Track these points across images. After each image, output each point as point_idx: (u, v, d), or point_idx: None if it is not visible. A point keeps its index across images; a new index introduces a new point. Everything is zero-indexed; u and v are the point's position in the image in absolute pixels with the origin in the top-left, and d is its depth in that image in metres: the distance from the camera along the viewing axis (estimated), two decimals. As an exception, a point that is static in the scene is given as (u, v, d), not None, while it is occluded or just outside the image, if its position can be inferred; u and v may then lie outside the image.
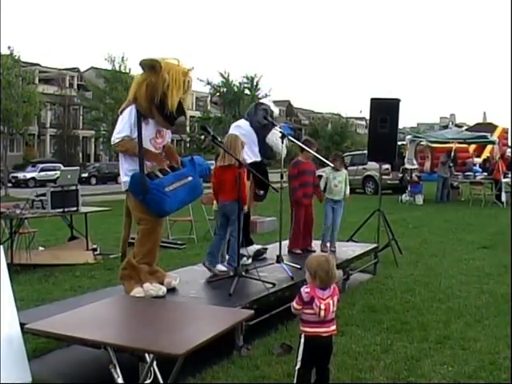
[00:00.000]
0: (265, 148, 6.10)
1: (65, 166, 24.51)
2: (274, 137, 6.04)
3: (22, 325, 3.58)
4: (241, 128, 6.06)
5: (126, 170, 4.75)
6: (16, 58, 25.93)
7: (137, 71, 4.89)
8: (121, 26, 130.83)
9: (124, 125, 4.72)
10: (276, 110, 6.33)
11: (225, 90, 36.88)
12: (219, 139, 5.56)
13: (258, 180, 5.87)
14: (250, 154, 5.95)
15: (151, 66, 4.64)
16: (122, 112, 4.81)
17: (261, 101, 6.58)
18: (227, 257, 5.71)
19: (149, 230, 4.76)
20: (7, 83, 24.75)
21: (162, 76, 4.59)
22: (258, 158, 6.08)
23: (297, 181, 6.73)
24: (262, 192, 6.13)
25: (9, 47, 25.69)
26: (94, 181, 36.31)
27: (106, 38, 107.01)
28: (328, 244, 7.11)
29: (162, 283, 4.88)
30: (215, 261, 5.60)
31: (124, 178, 4.77)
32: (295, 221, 6.79)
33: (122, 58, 28.59)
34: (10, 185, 28.79)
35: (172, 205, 4.73)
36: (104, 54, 40.20)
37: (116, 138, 4.73)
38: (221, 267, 5.63)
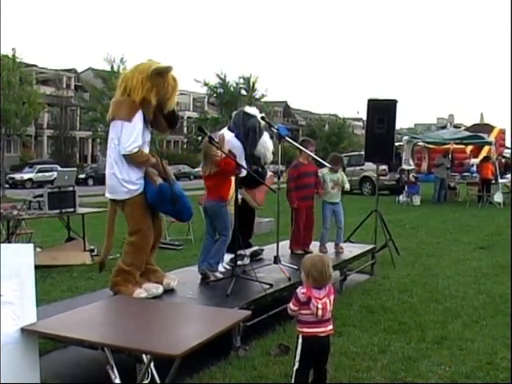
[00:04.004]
0: (253, 157, 5.97)
1: (62, 167, 24.45)
2: (262, 146, 5.97)
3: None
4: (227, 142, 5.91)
5: (135, 179, 4.65)
6: (19, 60, 25.93)
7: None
8: (118, 27, 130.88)
9: (138, 133, 4.58)
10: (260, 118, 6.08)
11: (221, 90, 36.88)
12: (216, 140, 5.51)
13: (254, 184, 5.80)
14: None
15: (159, 72, 4.62)
16: (129, 119, 4.56)
17: (246, 110, 6.18)
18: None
19: (144, 242, 4.74)
20: (7, 84, 24.73)
21: (168, 80, 4.66)
22: (247, 170, 5.66)
23: (293, 183, 6.71)
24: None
25: (12, 49, 25.78)
26: (91, 182, 36.27)
27: (103, 39, 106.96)
28: (327, 245, 7.08)
29: (160, 283, 4.89)
30: (216, 265, 5.46)
31: (132, 186, 4.65)
32: (295, 222, 6.77)
33: (121, 59, 28.68)
34: (7, 186, 28.74)
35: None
36: (103, 54, 40.31)
37: (134, 147, 4.54)
38: (220, 268, 5.63)
